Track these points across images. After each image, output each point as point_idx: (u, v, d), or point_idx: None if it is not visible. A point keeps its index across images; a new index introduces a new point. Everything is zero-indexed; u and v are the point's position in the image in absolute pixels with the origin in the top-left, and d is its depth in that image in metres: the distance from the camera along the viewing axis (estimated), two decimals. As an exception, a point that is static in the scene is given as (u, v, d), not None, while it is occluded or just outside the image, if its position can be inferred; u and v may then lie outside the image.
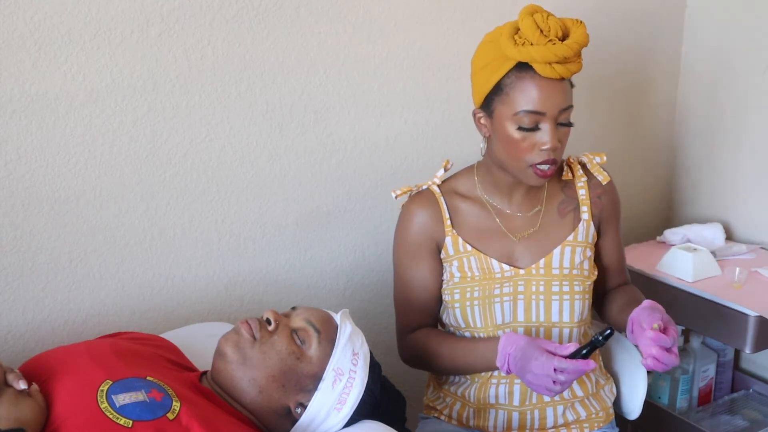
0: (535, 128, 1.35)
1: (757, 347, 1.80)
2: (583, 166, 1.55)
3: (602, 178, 1.52)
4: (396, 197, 1.54)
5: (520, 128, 1.36)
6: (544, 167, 1.38)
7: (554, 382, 1.29)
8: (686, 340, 2.08)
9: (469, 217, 1.50)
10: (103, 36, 1.46)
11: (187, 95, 1.57)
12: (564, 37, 1.34)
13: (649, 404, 1.87)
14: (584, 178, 1.53)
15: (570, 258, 1.48)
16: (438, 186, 1.53)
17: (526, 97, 1.34)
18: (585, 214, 1.51)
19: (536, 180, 1.40)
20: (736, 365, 2.23)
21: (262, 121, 1.68)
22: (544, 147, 1.35)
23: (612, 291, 1.60)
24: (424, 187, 1.54)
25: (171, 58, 1.54)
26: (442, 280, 1.52)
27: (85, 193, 1.51)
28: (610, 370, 1.65)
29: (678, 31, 2.31)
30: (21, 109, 1.41)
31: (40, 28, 1.40)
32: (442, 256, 1.51)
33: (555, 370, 1.28)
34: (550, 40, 1.32)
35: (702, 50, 2.28)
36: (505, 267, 1.47)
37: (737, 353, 2.21)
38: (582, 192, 1.52)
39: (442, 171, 1.55)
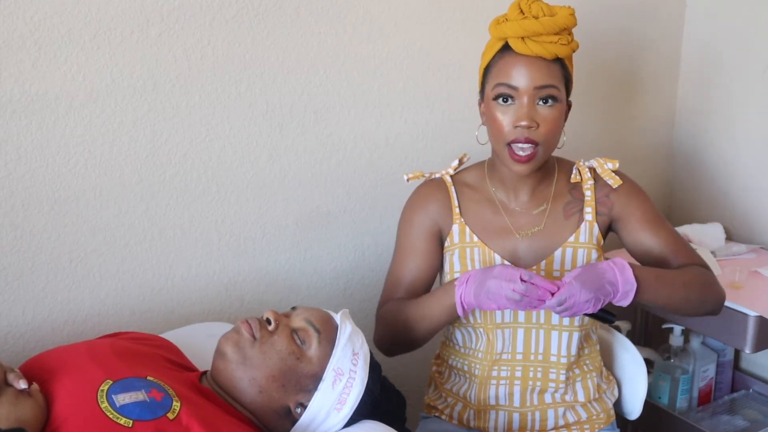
0: (510, 104, 1.37)
1: (757, 347, 1.80)
2: (593, 170, 1.53)
3: (612, 182, 1.49)
4: (408, 180, 1.54)
5: (495, 100, 1.39)
6: (520, 146, 1.37)
7: (513, 290, 1.29)
8: (686, 340, 2.08)
9: (477, 209, 1.51)
10: (103, 36, 1.46)
11: (187, 95, 1.57)
12: None
13: (649, 404, 1.87)
14: (591, 181, 1.51)
15: (572, 260, 1.47)
16: (450, 176, 1.54)
17: (502, 72, 1.38)
18: (588, 215, 1.49)
19: (514, 165, 1.39)
20: (736, 365, 2.23)
21: (262, 121, 1.68)
22: (519, 123, 1.36)
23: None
24: (437, 175, 1.55)
25: (171, 58, 1.54)
26: (443, 271, 1.52)
27: (85, 193, 1.51)
28: (610, 371, 1.64)
29: (678, 30, 2.31)
30: (21, 109, 1.41)
31: (40, 28, 1.40)
32: (446, 244, 1.51)
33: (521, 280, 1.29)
34: (525, 18, 1.35)
35: (702, 50, 2.28)
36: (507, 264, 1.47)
37: (737, 353, 2.21)
38: (588, 194, 1.51)
39: (456, 162, 1.56)
